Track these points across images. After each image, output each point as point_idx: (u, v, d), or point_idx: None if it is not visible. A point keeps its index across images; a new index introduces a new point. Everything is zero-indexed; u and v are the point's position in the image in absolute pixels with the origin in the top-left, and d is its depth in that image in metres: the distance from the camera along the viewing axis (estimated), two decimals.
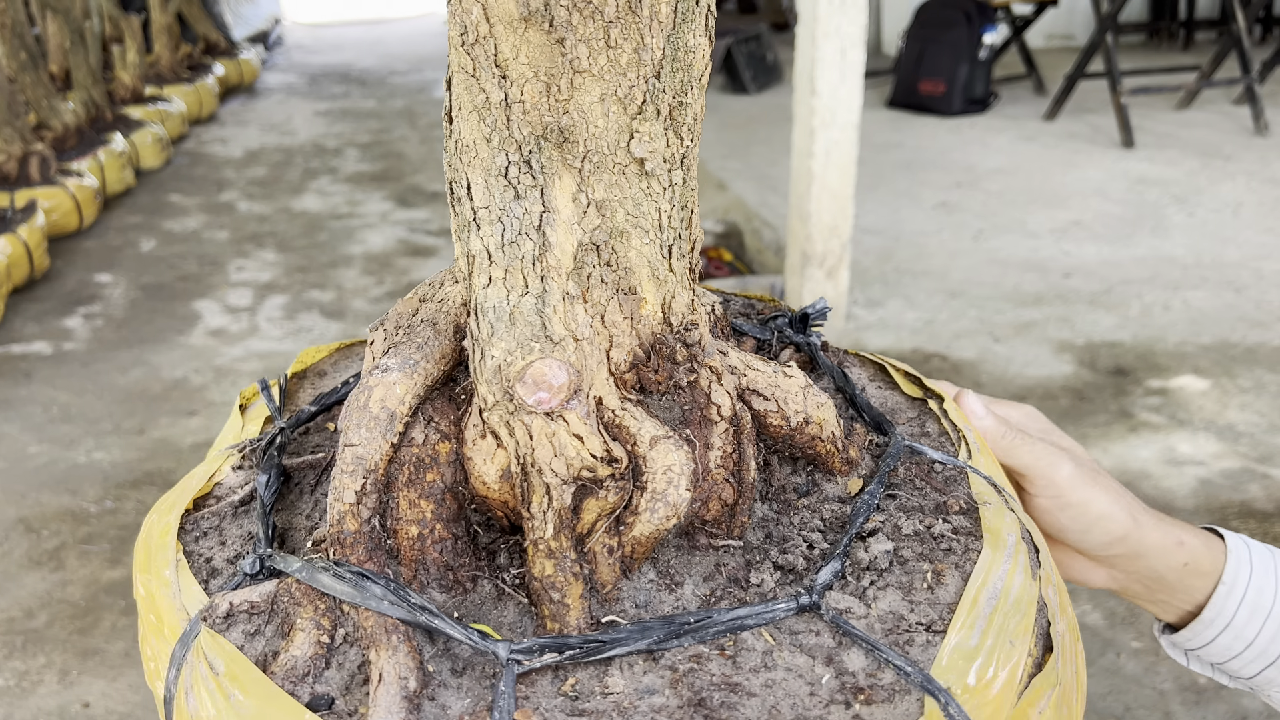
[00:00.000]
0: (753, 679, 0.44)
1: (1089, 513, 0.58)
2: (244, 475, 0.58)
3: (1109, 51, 4.43)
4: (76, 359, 2.94)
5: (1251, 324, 2.92)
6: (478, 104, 0.47)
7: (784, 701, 0.43)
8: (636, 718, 0.42)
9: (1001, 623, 0.45)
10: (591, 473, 0.46)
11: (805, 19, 2.62)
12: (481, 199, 0.48)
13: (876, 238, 3.58)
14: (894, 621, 0.46)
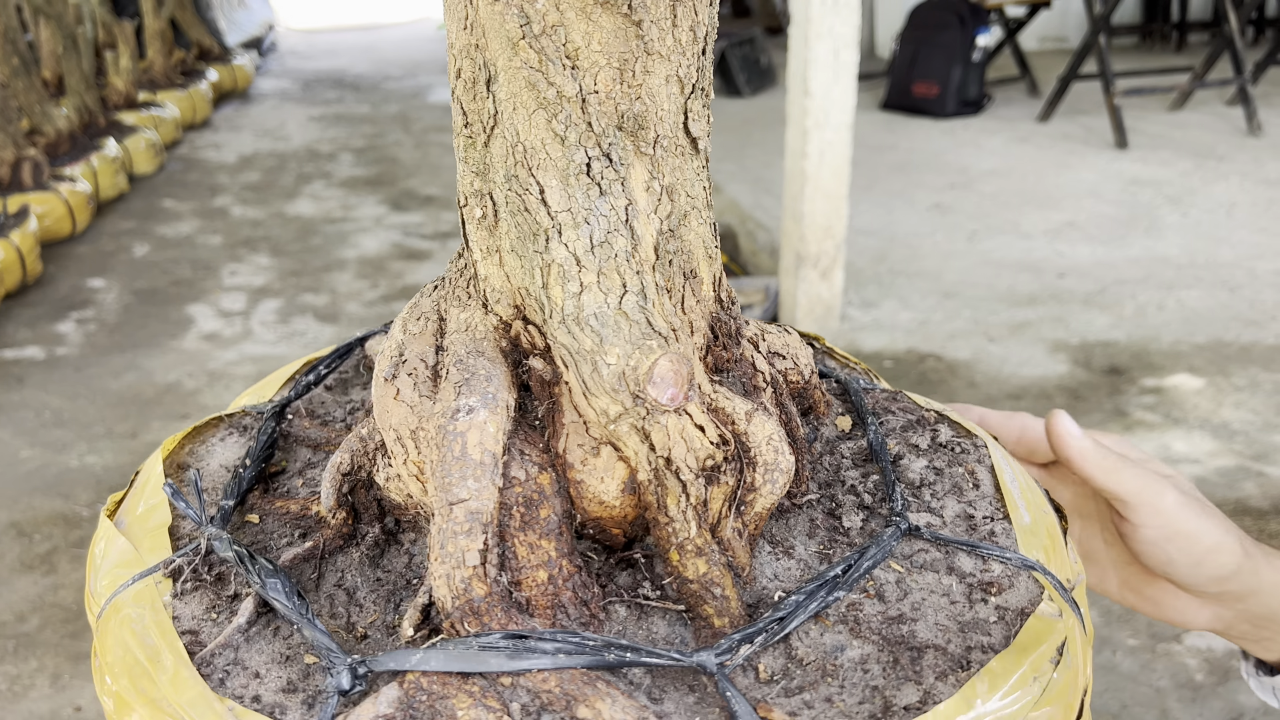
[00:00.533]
0: (905, 606, 0.47)
1: (1200, 544, 0.54)
2: (200, 601, 0.50)
3: (1102, 53, 4.44)
4: (69, 364, 2.93)
5: (1246, 323, 2.92)
6: (546, 100, 0.44)
7: (941, 614, 0.46)
8: (849, 674, 0.44)
9: (1031, 498, 0.53)
10: (713, 461, 0.47)
11: (798, 20, 2.62)
12: (560, 203, 0.45)
13: (871, 239, 3.58)
14: (967, 521, 0.52)
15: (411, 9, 9.97)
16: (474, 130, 0.46)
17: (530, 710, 0.41)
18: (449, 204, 4.26)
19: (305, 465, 0.59)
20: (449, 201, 4.29)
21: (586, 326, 0.45)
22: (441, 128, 5.51)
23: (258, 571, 0.47)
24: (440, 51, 7.95)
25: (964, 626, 0.46)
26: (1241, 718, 1.63)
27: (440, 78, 6.86)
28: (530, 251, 0.46)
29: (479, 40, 0.44)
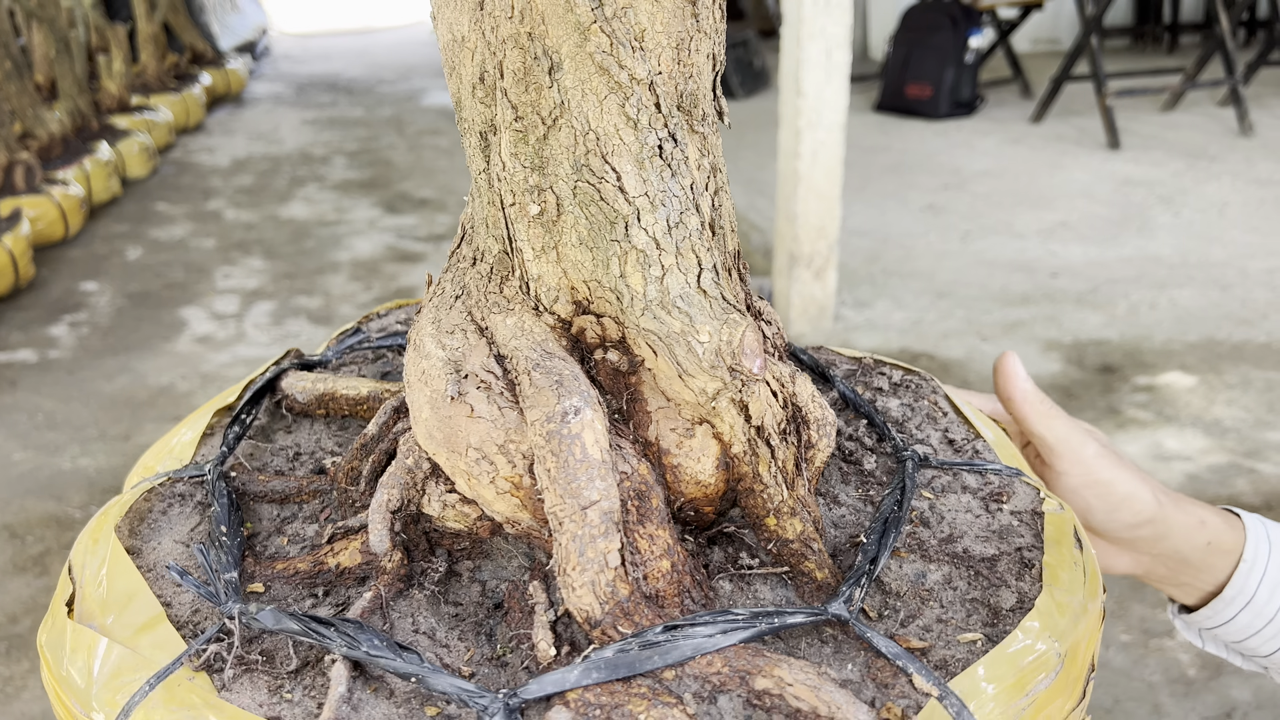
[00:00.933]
0: (947, 527, 0.51)
1: (1116, 492, 0.58)
2: (257, 685, 0.46)
3: (1094, 54, 4.46)
4: (62, 367, 2.93)
5: (1237, 321, 2.93)
6: (619, 84, 0.43)
7: (976, 527, 0.52)
8: (943, 595, 0.47)
9: (983, 418, 0.60)
10: (785, 424, 0.49)
11: (790, 20, 2.63)
12: (636, 188, 0.44)
13: (864, 239, 3.58)
14: (951, 445, 0.58)
15: (405, 13, 9.98)
16: (528, 124, 0.45)
17: (703, 695, 0.40)
18: (443, 206, 4.26)
19: (280, 521, 0.54)
20: (443, 204, 4.29)
21: (674, 309, 0.45)
22: (435, 130, 5.51)
23: (343, 633, 0.43)
24: (435, 54, 7.94)
25: (1001, 533, 0.51)
26: (1233, 712, 1.64)
27: (436, 81, 6.86)
28: (606, 241, 0.45)
29: (532, 29, 0.43)
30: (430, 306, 0.51)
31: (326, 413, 0.64)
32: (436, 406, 0.47)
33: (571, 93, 0.44)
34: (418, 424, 0.48)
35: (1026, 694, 0.42)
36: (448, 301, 0.51)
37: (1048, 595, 0.46)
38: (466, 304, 0.50)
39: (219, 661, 0.43)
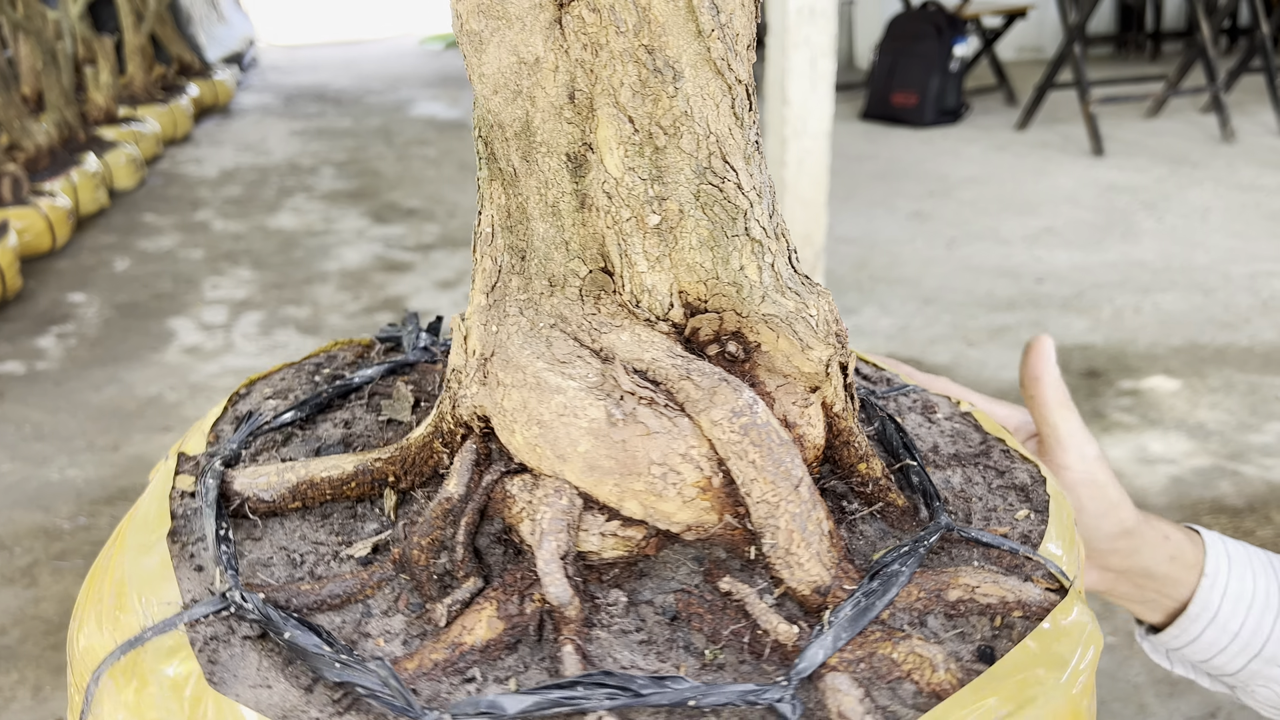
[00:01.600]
0: (925, 440, 0.59)
1: (1108, 496, 0.59)
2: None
3: (1077, 61, 4.50)
4: (49, 378, 2.92)
5: (1220, 326, 2.96)
6: (729, 86, 0.45)
7: (938, 433, 0.59)
8: (979, 488, 0.54)
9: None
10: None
11: (775, 30, 2.65)
12: (748, 182, 0.47)
13: (851, 246, 3.61)
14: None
15: (392, 24, 9.98)
16: (648, 134, 0.45)
17: (917, 622, 0.45)
18: (431, 216, 4.27)
19: (356, 627, 0.48)
20: (431, 214, 4.30)
21: (787, 290, 0.48)
22: (423, 141, 5.52)
23: (597, 685, 0.41)
24: (423, 65, 7.96)
25: (956, 436, 0.60)
26: (1218, 712, 1.65)
27: (423, 91, 6.87)
28: (728, 238, 0.47)
29: (650, 41, 0.43)
30: (507, 347, 0.49)
31: (303, 504, 0.55)
32: (600, 435, 0.46)
33: (694, 99, 0.45)
34: (571, 460, 0.47)
35: (1075, 544, 0.51)
36: (531, 336, 0.49)
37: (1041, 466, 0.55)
38: (568, 330, 0.49)
39: None
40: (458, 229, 4.11)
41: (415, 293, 3.48)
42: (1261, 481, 2.25)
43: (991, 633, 0.45)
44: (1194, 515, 2.13)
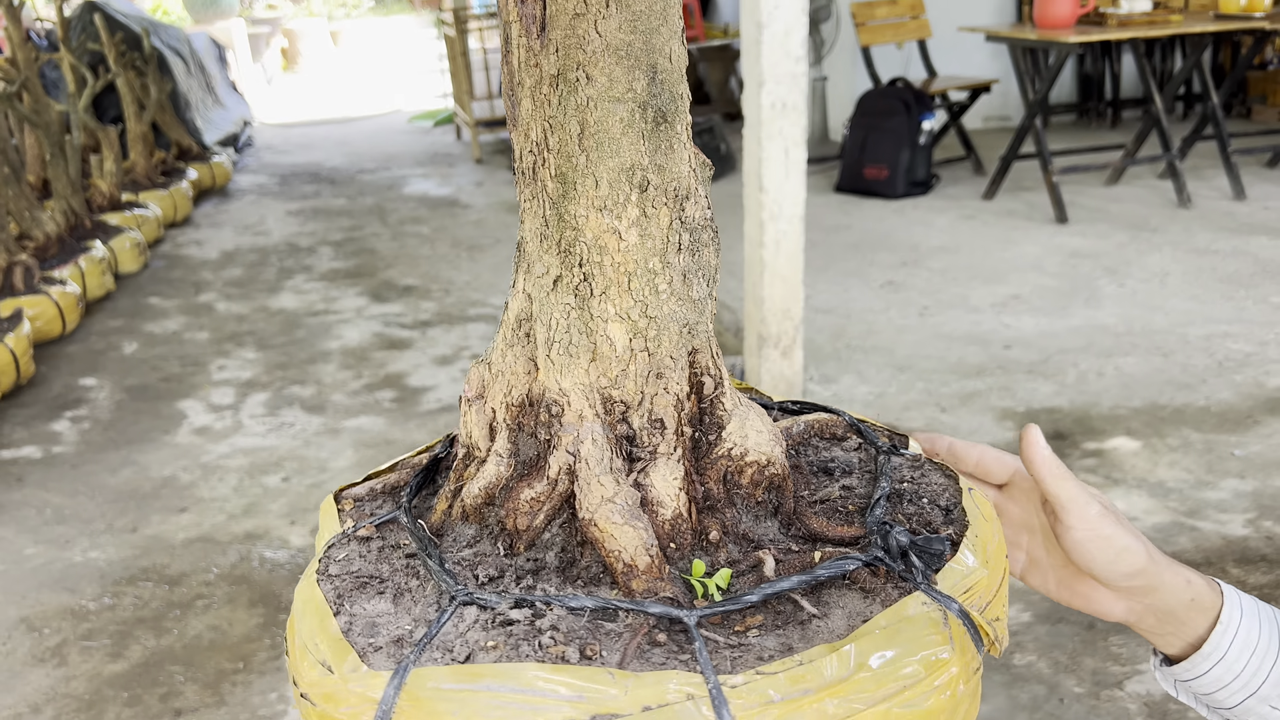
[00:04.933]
0: (411, 594, 0.64)
1: (1114, 544, 0.68)
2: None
3: (1039, 134, 4.74)
4: (66, 461, 3.05)
5: (1178, 386, 3.13)
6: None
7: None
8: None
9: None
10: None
11: (751, 123, 2.86)
12: None
13: (828, 316, 3.79)
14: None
15: (382, 102, 10.26)
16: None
17: None
18: (427, 293, 4.44)
19: None
20: (427, 291, 4.47)
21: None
22: (416, 219, 5.71)
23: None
24: (413, 143, 8.20)
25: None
26: None
27: (414, 169, 7.09)
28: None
29: None
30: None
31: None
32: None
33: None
34: None
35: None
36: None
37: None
38: None
39: None
40: (453, 305, 4.27)
41: (415, 369, 3.63)
42: (1217, 536, 2.40)
43: None
44: None
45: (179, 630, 2.20)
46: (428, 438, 3.09)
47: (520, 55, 0.58)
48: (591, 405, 0.62)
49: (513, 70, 0.59)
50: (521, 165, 0.61)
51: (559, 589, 0.59)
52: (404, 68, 12.77)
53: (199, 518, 2.68)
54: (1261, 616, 0.71)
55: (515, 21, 0.57)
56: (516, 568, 0.62)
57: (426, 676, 0.51)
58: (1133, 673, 1.99)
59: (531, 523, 0.63)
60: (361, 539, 0.68)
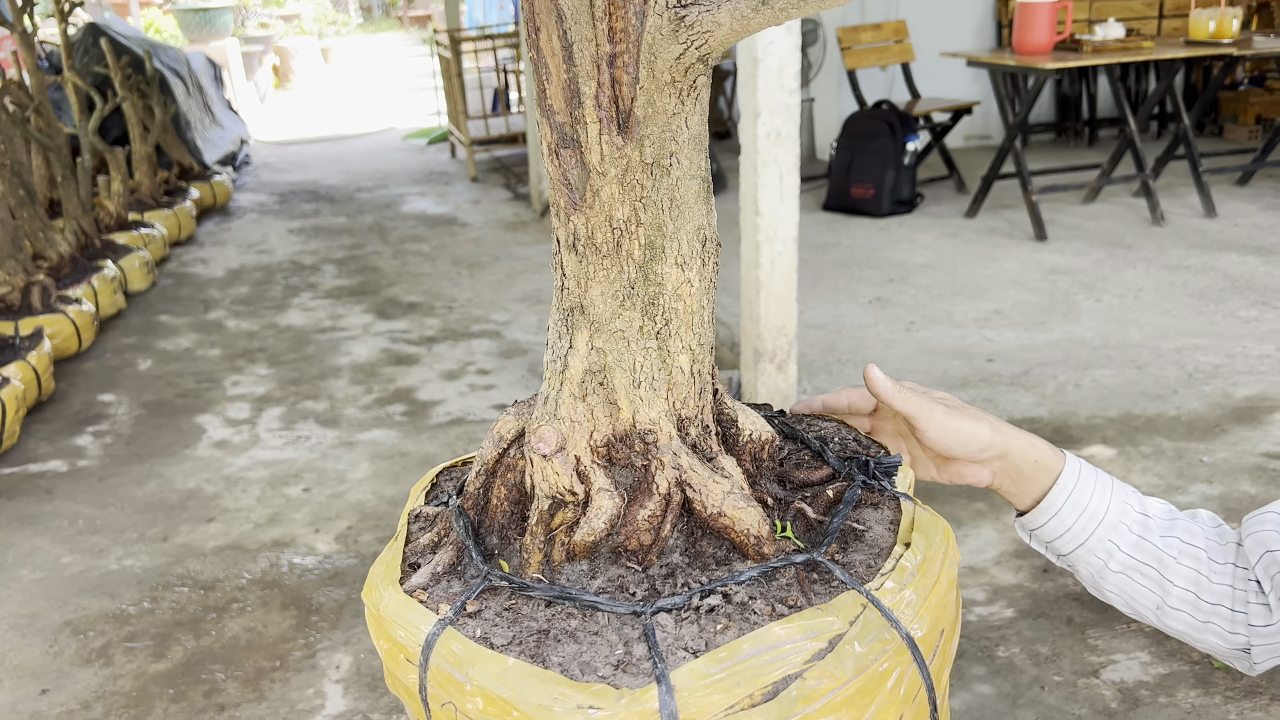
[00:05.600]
0: (585, 638, 0.67)
1: (962, 433, 0.86)
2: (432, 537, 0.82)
3: (1018, 155, 4.94)
4: (92, 474, 3.18)
5: (1151, 397, 3.31)
6: (556, 284, 0.77)
7: (588, 654, 0.66)
8: (517, 628, 0.68)
9: (743, 672, 0.66)
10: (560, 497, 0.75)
11: (747, 151, 3.03)
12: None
13: (820, 332, 3.96)
14: (681, 641, 0.67)
15: (375, 120, 10.40)
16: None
17: None
18: (430, 310, 4.59)
19: None
20: (430, 308, 4.62)
21: None
22: (416, 238, 5.86)
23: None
24: (408, 161, 8.34)
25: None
26: None
27: (411, 188, 7.23)
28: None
29: None
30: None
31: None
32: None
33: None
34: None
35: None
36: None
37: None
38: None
39: None
40: (456, 322, 4.42)
41: (423, 384, 3.78)
42: None
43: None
44: None
45: (217, 632, 2.34)
46: (440, 449, 3.24)
47: (601, 151, 0.70)
48: (671, 426, 0.77)
49: (588, 166, 0.70)
50: (595, 241, 0.71)
51: (702, 576, 0.72)
52: (395, 84, 12.93)
53: (226, 527, 2.82)
54: (1099, 486, 0.88)
55: (593, 123, 0.70)
56: (652, 576, 0.73)
57: (695, 673, 0.61)
58: (1108, 662, 2.16)
59: (659, 535, 0.73)
60: (472, 613, 0.70)
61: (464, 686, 0.65)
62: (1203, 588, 0.84)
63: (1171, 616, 0.86)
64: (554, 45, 0.67)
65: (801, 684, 0.63)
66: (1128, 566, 0.86)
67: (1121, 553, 0.86)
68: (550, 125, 0.71)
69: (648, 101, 0.69)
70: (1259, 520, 0.85)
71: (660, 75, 0.68)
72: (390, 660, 0.72)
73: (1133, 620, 2.28)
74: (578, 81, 0.68)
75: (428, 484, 0.90)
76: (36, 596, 2.51)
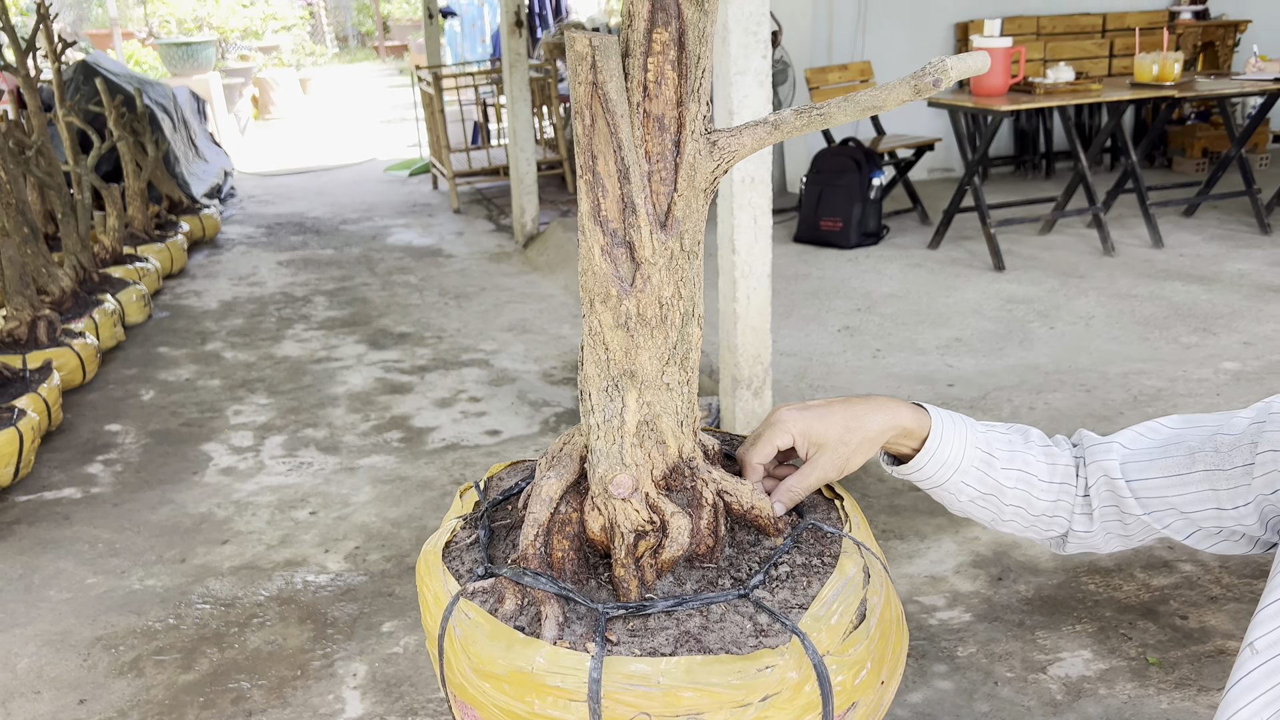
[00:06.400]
0: (716, 625, 0.86)
1: (815, 439, 1.04)
2: (468, 532, 1.03)
3: (977, 191, 5.23)
4: (107, 501, 3.35)
5: (1098, 419, 3.58)
6: (598, 358, 1.00)
7: (729, 634, 0.85)
8: (660, 638, 0.86)
9: (839, 605, 0.90)
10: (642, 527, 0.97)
11: (724, 194, 3.27)
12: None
13: (792, 359, 4.20)
14: (785, 602, 0.91)
15: (356, 152, 10.59)
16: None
17: (531, 603, 0.90)
18: (421, 340, 4.79)
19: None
20: (420, 338, 4.83)
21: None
22: (404, 269, 6.07)
23: (480, 525, 0.98)
24: (391, 193, 8.54)
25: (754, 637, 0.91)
26: None
27: (396, 220, 7.44)
28: (585, 417, 1.02)
29: None
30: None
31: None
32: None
33: (587, 360, 1.00)
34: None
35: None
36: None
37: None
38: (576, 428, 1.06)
39: None
40: (447, 351, 4.63)
41: (418, 411, 3.98)
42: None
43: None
44: (1075, 574, 2.69)
45: (239, 645, 2.52)
46: (438, 473, 3.44)
47: (652, 246, 0.94)
48: (700, 451, 1.00)
49: (639, 260, 0.92)
50: (645, 317, 0.92)
51: (756, 555, 0.98)
52: (373, 115, 13.15)
53: (240, 548, 3.00)
54: (956, 441, 1.07)
55: (646, 226, 0.93)
56: (723, 569, 0.96)
57: (812, 618, 0.87)
58: (1054, 659, 2.40)
59: (718, 536, 0.96)
60: (616, 643, 0.86)
61: (662, 693, 0.80)
62: (1029, 505, 1.09)
63: (1003, 525, 1.13)
64: (610, 169, 0.89)
65: (870, 604, 0.90)
66: (974, 498, 1.10)
67: (969, 488, 1.09)
68: (603, 231, 0.92)
69: (685, 204, 0.92)
70: (1104, 449, 1.08)
71: (698, 185, 0.91)
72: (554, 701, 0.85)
73: (1076, 622, 2.53)
74: (632, 195, 0.90)
75: (443, 543, 1.04)
76: (66, 615, 2.68)
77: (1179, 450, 1.05)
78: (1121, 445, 1.08)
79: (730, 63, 3.12)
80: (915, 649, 2.46)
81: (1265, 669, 0.91)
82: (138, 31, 13.06)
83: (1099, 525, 1.09)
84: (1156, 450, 1.07)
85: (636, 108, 0.89)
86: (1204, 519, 1.05)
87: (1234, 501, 1.02)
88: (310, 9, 16.59)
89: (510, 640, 0.87)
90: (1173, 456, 1.05)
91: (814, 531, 1.00)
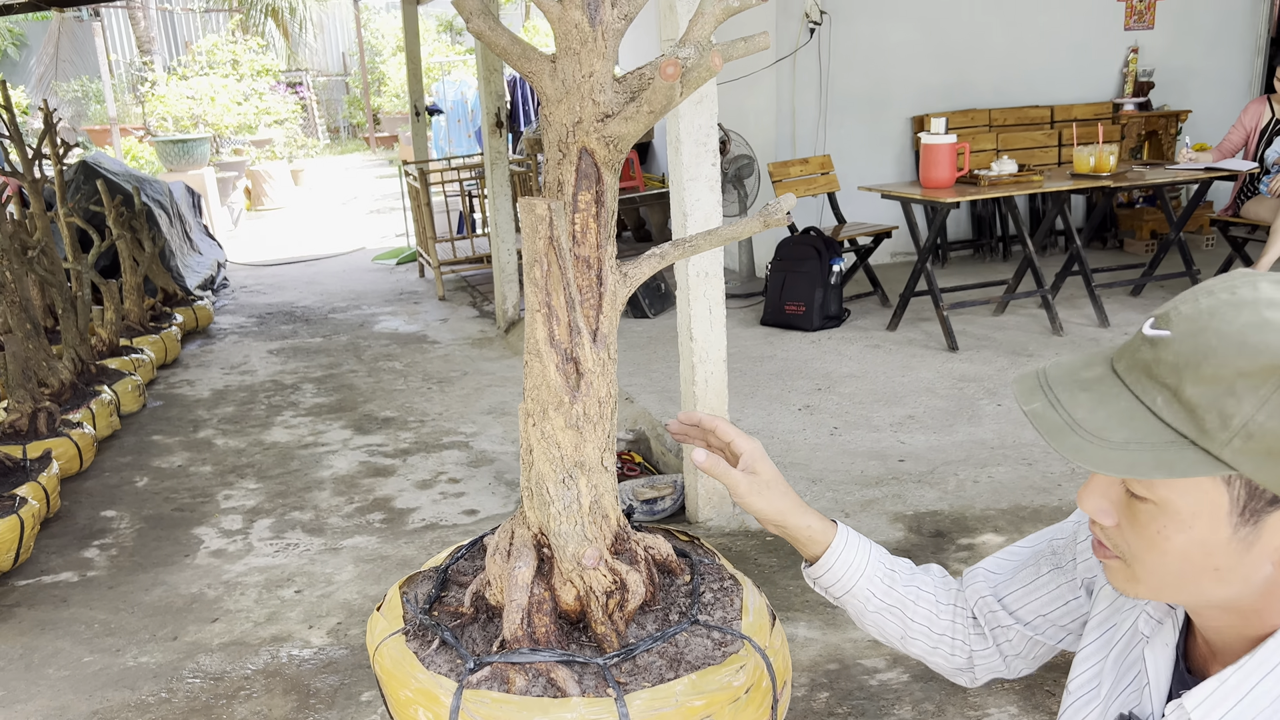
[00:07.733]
0: (687, 650, 1.19)
1: (750, 508, 1.22)
2: (421, 640, 1.23)
3: (929, 276, 5.55)
4: (103, 583, 3.54)
5: (1038, 490, 3.82)
6: (551, 456, 1.25)
7: (701, 652, 1.18)
8: (654, 671, 1.17)
9: (759, 612, 1.27)
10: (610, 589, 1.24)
11: (682, 287, 3.56)
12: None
13: (756, 437, 4.44)
14: (724, 619, 1.24)
15: (345, 242, 10.93)
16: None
17: (538, 676, 1.17)
18: (404, 424, 5.03)
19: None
20: (404, 422, 5.06)
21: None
22: (389, 355, 6.33)
23: (434, 629, 1.23)
24: (379, 282, 8.85)
25: (718, 649, 1.24)
26: None
27: (384, 308, 7.73)
28: (535, 508, 1.27)
29: None
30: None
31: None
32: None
33: (536, 459, 1.26)
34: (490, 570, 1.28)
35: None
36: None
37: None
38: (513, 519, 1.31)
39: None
40: (429, 435, 4.86)
41: (400, 493, 4.20)
42: None
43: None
44: None
45: (228, 716, 2.71)
46: (417, 552, 3.65)
47: (590, 359, 1.20)
48: (625, 518, 1.27)
49: (583, 371, 1.20)
50: (589, 415, 1.19)
51: (683, 590, 1.25)
52: (363, 204, 13.57)
53: (229, 626, 3.19)
54: (860, 550, 1.25)
55: (587, 343, 1.20)
56: (667, 605, 1.23)
57: (756, 609, 1.22)
58: (984, 716, 2.60)
59: (655, 584, 1.23)
60: (624, 682, 1.15)
61: (681, 708, 1.08)
62: (932, 624, 1.25)
63: (911, 644, 1.26)
64: (562, 303, 1.16)
65: (770, 606, 1.27)
66: (880, 609, 1.25)
67: (876, 599, 1.24)
68: (556, 351, 1.18)
69: (609, 323, 1.19)
70: (974, 574, 1.30)
71: (618, 307, 1.20)
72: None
73: (1003, 681, 2.73)
74: (577, 320, 1.17)
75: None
76: (64, 691, 2.86)
77: (1030, 561, 1.24)
78: (986, 570, 1.26)
79: (683, 170, 3.43)
80: (856, 708, 2.66)
81: (1073, 708, 1.12)
82: (134, 130, 13.53)
83: (993, 644, 1.24)
84: (1014, 567, 1.25)
85: (569, 252, 1.17)
86: (1061, 617, 1.20)
87: (1075, 594, 1.19)
88: (303, 103, 17.17)
89: (544, 707, 1.07)
90: (1027, 568, 1.24)
91: (711, 569, 1.31)
